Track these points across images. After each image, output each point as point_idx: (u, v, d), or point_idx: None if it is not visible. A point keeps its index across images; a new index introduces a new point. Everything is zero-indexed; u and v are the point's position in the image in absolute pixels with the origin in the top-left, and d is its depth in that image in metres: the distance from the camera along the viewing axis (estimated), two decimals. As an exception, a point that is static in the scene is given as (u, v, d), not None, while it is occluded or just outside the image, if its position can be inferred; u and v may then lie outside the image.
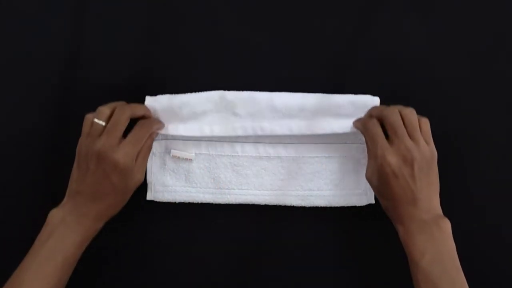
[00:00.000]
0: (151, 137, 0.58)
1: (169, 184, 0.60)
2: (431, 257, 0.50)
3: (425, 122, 0.55)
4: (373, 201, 0.60)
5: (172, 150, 0.60)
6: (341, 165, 0.60)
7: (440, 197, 0.55)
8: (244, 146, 0.60)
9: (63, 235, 0.52)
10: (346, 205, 0.60)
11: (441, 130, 0.60)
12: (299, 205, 0.60)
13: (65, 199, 0.55)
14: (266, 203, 0.60)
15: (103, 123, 0.54)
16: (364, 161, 0.59)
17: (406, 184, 0.53)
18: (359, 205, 0.60)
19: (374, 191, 0.57)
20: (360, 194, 0.60)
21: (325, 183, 0.60)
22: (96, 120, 0.54)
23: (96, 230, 0.55)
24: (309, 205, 0.60)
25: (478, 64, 0.62)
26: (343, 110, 0.58)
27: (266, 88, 0.60)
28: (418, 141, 0.53)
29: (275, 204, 0.60)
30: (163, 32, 0.62)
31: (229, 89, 0.59)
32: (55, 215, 0.53)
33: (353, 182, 0.60)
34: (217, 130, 0.59)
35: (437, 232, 0.51)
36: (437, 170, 0.55)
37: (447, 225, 0.52)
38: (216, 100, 0.58)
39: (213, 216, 0.61)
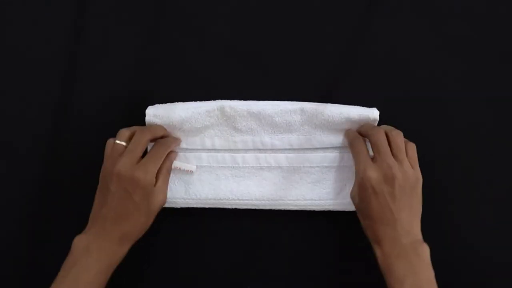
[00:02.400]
0: (170, 159, 0.58)
1: (168, 196, 0.59)
2: (410, 286, 0.49)
3: (412, 147, 0.55)
4: None
5: (174, 162, 0.60)
6: (342, 174, 0.60)
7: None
8: (245, 156, 0.60)
9: (87, 265, 0.51)
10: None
11: (440, 134, 0.61)
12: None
13: (89, 224, 0.54)
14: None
15: (124, 143, 0.54)
16: None
17: (385, 202, 0.52)
18: None
19: (356, 210, 0.56)
20: None
21: (326, 192, 0.60)
22: (117, 141, 0.54)
23: (122, 256, 0.53)
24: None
25: (478, 67, 0.62)
26: (342, 126, 0.59)
27: (265, 91, 0.61)
28: (402, 162, 0.53)
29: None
30: (161, 36, 0.63)
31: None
32: (79, 242, 0.52)
33: None
34: (218, 143, 0.60)
35: (415, 259, 0.50)
36: (421, 195, 0.54)
37: (425, 251, 0.51)
38: (217, 115, 0.59)
39: (212, 216, 0.61)
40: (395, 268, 0.50)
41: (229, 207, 0.60)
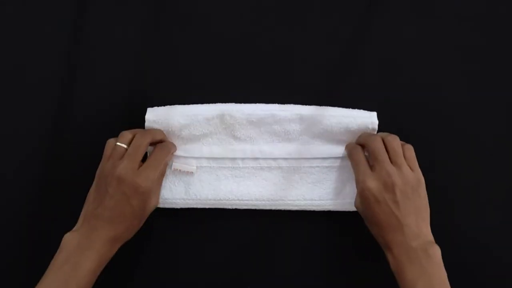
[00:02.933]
0: (166, 163, 0.57)
1: (168, 197, 0.60)
2: None
3: (409, 148, 0.55)
4: None
5: (174, 163, 0.60)
6: (342, 175, 0.60)
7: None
8: (245, 160, 0.60)
9: (78, 262, 0.51)
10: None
11: (440, 135, 0.61)
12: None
13: (80, 222, 0.54)
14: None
15: (125, 146, 0.54)
16: None
17: (389, 210, 0.52)
18: None
19: (363, 218, 0.56)
20: None
21: (326, 192, 0.60)
22: (118, 143, 0.54)
23: (110, 256, 0.53)
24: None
25: (479, 67, 0.63)
26: (341, 136, 0.59)
27: (265, 91, 0.61)
28: (401, 167, 0.53)
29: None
30: (161, 37, 0.63)
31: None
32: (69, 240, 0.52)
33: (354, 191, 0.60)
34: (216, 151, 0.60)
35: (426, 262, 0.50)
36: (425, 195, 0.54)
37: (436, 252, 0.51)
38: (216, 123, 0.59)
39: (212, 217, 0.61)
40: (407, 272, 0.50)
41: (229, 207, 0.60)
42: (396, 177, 0.53)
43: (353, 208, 0.59)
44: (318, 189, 0.60)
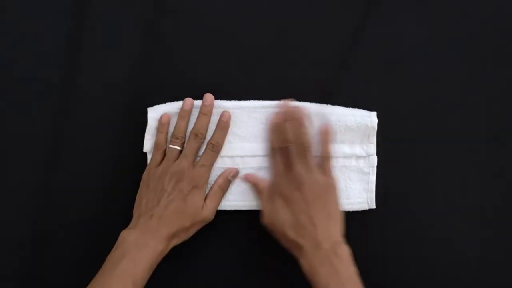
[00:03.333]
0: (224, 176, 0.59)
1: None
2: (334, 287, 0.51)
3: (328, 158, 0.57)
4: (373, 206, 0.60)
5: None
6: (343, 175, 0.60)
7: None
8: (244, 158, 0.60)
9: (134, 259, 0.53)
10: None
11: (440, 136, 0.62)
12: None
13: (136, 220, 0.56)
14: None
15: (179, 148, 0.58)
16: (366, 170, 0.60)
17: (299, 209, 0.54)
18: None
19: (275, 229, 0.56)
20: (362, 203, 0.60)
21: None
22: (172, 146, 0.58)
23: (165, 253, 0.55)
24: None
25: (478, 68, 0.63)
26: (341, 135, 0.59)
27: (265, 91, 0.61)
28: (311, 170, 0.55)
29: None
30: (162, 38, 0.63)
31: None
32: (126, 237, 0.54)
33: (354, 191, 0.60)
34: None
35: (336, 261, 0.52)
36: (337, 200, 0.56)
37: (345, 251, 0.53)
38: (215, 120, 0.59)
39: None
40: (319, 273, 0.52)
41: (229, 208, 0.60)
42: (306, 178, 0.55)
43: (354, 208, 0.60)
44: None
